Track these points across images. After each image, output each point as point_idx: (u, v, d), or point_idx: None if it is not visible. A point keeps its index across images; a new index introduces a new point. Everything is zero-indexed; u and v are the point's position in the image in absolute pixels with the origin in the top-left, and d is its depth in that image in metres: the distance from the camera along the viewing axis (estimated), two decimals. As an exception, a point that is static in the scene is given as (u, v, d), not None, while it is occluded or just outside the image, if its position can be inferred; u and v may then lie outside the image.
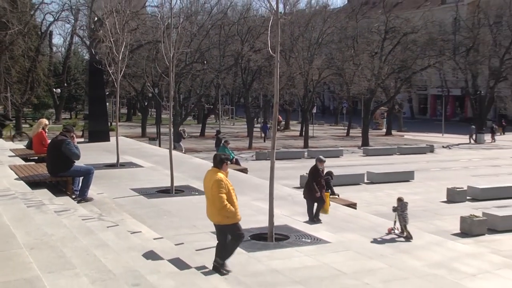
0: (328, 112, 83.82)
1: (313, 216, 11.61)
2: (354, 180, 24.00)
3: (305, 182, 12.64)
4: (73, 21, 52.24)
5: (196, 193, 13.43)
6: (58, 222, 7.88)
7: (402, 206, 11.66)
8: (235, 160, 22.73)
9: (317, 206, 11.74)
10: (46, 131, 16.04)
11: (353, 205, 15.30)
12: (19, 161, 14.99)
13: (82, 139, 23.41)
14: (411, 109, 77.25)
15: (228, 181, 7.78)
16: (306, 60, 44.56)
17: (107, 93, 34.00)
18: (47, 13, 47.85)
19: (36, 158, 15.49)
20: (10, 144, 20.74)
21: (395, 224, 11.21)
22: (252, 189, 14.32)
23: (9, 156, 16.00)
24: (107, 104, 31.01)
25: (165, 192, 13.23)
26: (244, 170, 19.95)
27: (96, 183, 12.47)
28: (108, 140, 22.60)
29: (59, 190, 11.59)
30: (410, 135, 53.85)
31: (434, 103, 75.74)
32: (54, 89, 56.95)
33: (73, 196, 11.33)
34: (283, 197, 13.39)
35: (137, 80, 44.72)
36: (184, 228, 10.27)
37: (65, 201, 10.49)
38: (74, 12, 50.14)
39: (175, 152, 18.92)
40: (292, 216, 11.55)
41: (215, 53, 46.13)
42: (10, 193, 9.13)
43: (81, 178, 11.54)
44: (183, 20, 39.36)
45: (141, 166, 17.31)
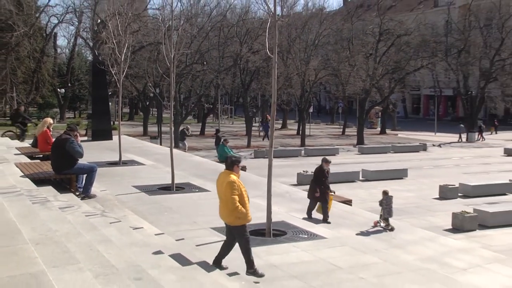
0: (324, 112, 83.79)
1: (323, 218, 11.45)
2: (350, 178, 24.02)
3: (310, 182, 12.51)
4: (77, 23, 52.26)
5: (196, 190, 13.45)
6: (63, 218, 7.87)
7: (387, 200, 11.79)
8: (234, 158, 22.71)
9: (323, 207, 11.61)
10: (51, 130, 16.04)
11: (349, 202, 15.34)
12: (25, 159, 14.98)
13: (86, 138, 23.38)
14: (405, 109, 77.28)
15: (241, 183, 7.72)
16: (303, 61, 44.56)
17: (110, 93, 33.99)
18: (52, 16, 47.84)
19: (41, 156, 15.47)
20: (16, 143, 20.71)
21: (381, 218, 11.36)
22: (251, 187, 14.28)
23: (15, 154, 15.99)
24: (110, 104, 30.95)
25: (166, 189, 13.24)
26: (243, 168, 19.92)
27: (99, 181, 12.47)
28: (111, 139, 22.59)
29: (63, 187, 11.58)
30: (404, 134, 53.87)
31: (427, 103, 75.81)
32: (59, 89, 56.97)
33: (77, 193, 11.32)
34: (281, 194, 13.40)
35: (139, 81, 44.69)
36: (185, 224, 10.27)
37: (69, 198, 10.48)
38: (78, 15, 50.10)
39: (176, 150, 18.92)
40: (289, 213, 11.57)
41: (215, 54, 46.08)
42: (16, 190, 9.12)
43: (85, 176, 11.54)
44: (184, 22, 39.23)
45: (143, 164, 17.30)
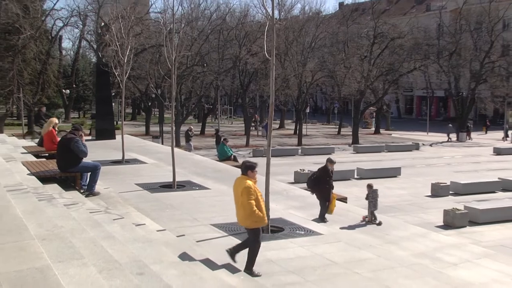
0: (321, 112, 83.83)
1: (319, 217, 11.32)
2: (345, 176, 24.02)
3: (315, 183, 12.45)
4: (81, 26, 52.13)
5: (197, 188, 13.44)
6: (67, 215, 7.87)
7: (373, 193, 11.86)
8: (233, 157, 22.73)
9: (322, 206, 11.52)
10: (56, 130, 16.04)
11: (344, 199, 15.33)
12: (31, 158, 14.98)
13: (90, 137, 23.36)
14: (398, 109, 77.37)
15: (257, 188, 7.72)
16: (300, 63, 44.58)
17: (113, 94, 33.92)
18: (57, 19, 47.67)
19: (47, 155, 15.48)
20: (23, 142, 20.70)
21: (368, 212, 11.51)
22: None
23: (22, 153, 15.99)
24: (113, 104, 30.92)
25: (168, 187, 13.22)
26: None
27: (103, 179, 12.46)
28: (114, 138, 22.56)
29: (68, 185, 11.58)
30: (397, 134, 53.93)
31: (420, 104, 75.92)
32: (64, 90, 56.88)
33: (81, 191, 11.32)
34: (278, 192, 13.39)
35: (141, 82, 44.64)
36: (185, 221, 10.27)
37: (74, 195, 10.48)
38: (82, 18, 50.03)
39: (177, 150, 18.91)
40: (287, 210, 11.57)
41: (215, 57, 46.08)
42: (23, 188, 9.12)
43: (89, 174, 11.54)
44: (185, 26, 39.30)
45: (145, 163, 17.28)
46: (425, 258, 8.89)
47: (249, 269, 7.58)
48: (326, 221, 11.08)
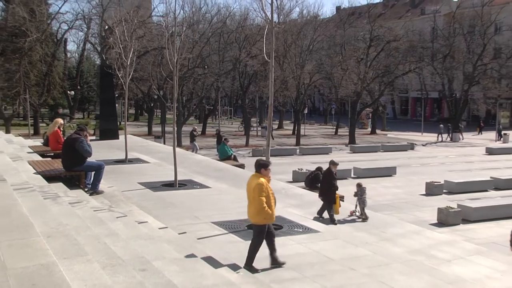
0: (318, 113, 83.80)
1: (330, 220, 11.20)
2: (342, 175, 23.95)
3: (320, 185, 12.31)
4: (86, 30, 52.07)
5: (198, 187, 13.44)
6: (72, 213, 7.87)
7: (361, 191, 11.94)
8: (233, 157, 22.75)
9: (328, 208, 11.45)
10: (61, 130, 16.05)
11: (341, 198, 15.30)
12: (37, 157, 14.98)
13: (94, 137, 23.36)
14: (394, 110, 77.36)
15: (269, 186, 7.69)
16: (298, 65, 44.59)
17: (117, 95, 33.91)
18: (62, 22, 47.66)
19: (52, 155, 15.47)
20: (29, 142, 20.70)
21: (356, 208, 11.60)
22: (249, 183, 14.32)
23: (28, 153, 15.98)
24: (116, 105, 30.91)
25: (169, 186, 13.22)
26: (242, 166, 19.97)
27: (107, 178, 12.45)
28: (117, 138, 22.56)
29: (73, 184, 11.57)
30: (393, 134, 53.93)
31: (414, 105, 75.89)
32: (69, 91, 56.79)
33: (86, 189, 11.32)
34: (277, 191, 13.29)
35: (144, 83, 44.65)
36: (187, 219, 10.27)
37: (78, 194, 10.48)
38: (87, 21, 49.94)
39: (179, 149, 18.90)
40: (285, 208, 11.55)
41: (215, 59, 46.08)
42: (29, 186, 9.11)
43: (93, 173, 11.54)
44: (186, 29, 39.26)
45: (148, 162, 17.28)
46: (420, 255, 8.90)
47: (249, 265, 7.59)
48: (337, 223, 10.97)
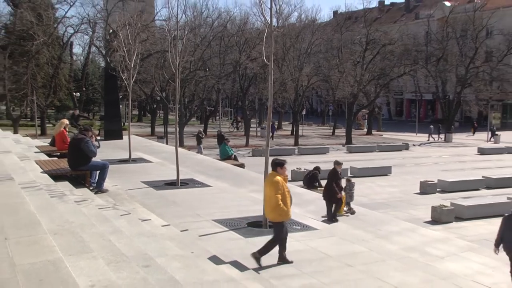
0: (316, 114, 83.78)
1: (331, 216, 11.25)
2: (339, 174, 24.00)
3: (325, 184, 12.28)
4: (91, 33, 52.08)
5: (199, 186, 13.43)
6: (78, 211, 7.87)
7: (350, 186, 12.02)
8: (234, 157, 22.73)
9: (335, 207, 11.45)
10: (67, 130, 16.04)
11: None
12: (44, 157, 14.96)
13: (99, 137, 23.33)
14: (389, 112, 77.37)
15: (285, 184, 7.67)
16: (297, 68, 44.60)
17: (121, 97, 33.90)
18: (68, 26, 47.64)
19: (58, 154, 15.45)
20: (36, 142, 20.69)
21: (344, 202, 11.67)
22: (249, 182, 14.33)
23: (35, 152, 15.96)
24: (120, 107, 30.90)
25: (172, 185, 13.20)
26: (242, 165, 19.95)
27: (111, 177, 12.45)
28: (121, 138, 22.53)
29: (79, 183, 11.56)
30: (388, 135, 53.93)
31: (409, 106, 75.90)
32: (74, 93, 56.80)
33: (91, 188, 11.31)
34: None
35: (147, 85, 44.63)
36: (188, 217, 10.26)
37: (84, 192, 10.47)
38: (92, 25, 49.94)
39: (181, 149, 18.89)
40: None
41: (216, 62, 46.06)
42: (36, 185, 9.10)
43: (98, 172, 11.52)
44: (188, 32, 39.19)
45: (151, 162, 17.26)
46: (414, 252, 8.91)
47: (282, 259, 7.66)
48: (337, 220, 11.06)
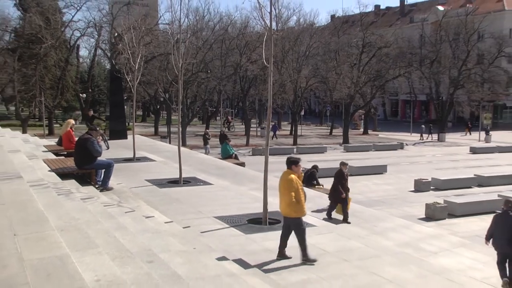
0: (314, 114, 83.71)
1: (343, 218, 11.09)
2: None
3: (332, 185, 12.20)
4: (97, 36, 52.06)
5: (201, 184, 13.41)
6: (84, 208, 7.86)
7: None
8: (235, 156, 22.70)
9: (343, 208, 11.35)
10: (73, 130, 16.03)
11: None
12: (51, 156, 14.94)
13: (107, 138, 23.32)
14: (385, 112, 77.36)
15: (299, 181, 7.69)
16: (295, 70, 44.58)
17: (125, 98, 33.90)
18: (75, 30, 47.65)
19: (65, 153, 15.44)
20: (44, 141, 20.69)
21: None
22: (249, 180, 14.32)
23: (43, 152, 15.95)
24: (125, 107, 30.86)
25: (175, 183, 13.19)
26: (242, 164, 19.90)
27: (116, 175, 12.44)
28: (126, 138, 22.51)
29: (85, 181, 11.56)
30: (384, 134, 53.92)
31: (404, 107, 75.90)
32: (81, 94, 56.77)
33: (96, 186, 11.31)
34: (276, 187, 13.32)
35: (151, 87, 44.63)
36: (191, 214, 10.26)
37: (90, 190, 10.47)
38: (98, 29, 49.91)
39: (183, 148, 18.87)
40: (283, 203, 11.53)
41: (217, 64, 46.03)
42: (44, 183, 9.10)
43: (103, 171, 11.52)
44: (190, 36, 39.17)
45: (154, 160, 17.25)
46: (409, 248, 8.90)
47: (305, 256, 7.61)
48: (349, 222, 10.92)
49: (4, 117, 57.98)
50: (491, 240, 8.83)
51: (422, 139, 48.24)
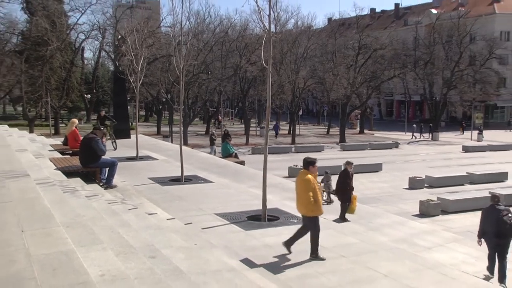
0: (311, 114, 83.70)
1: (339, 217, 11.00)
2: (333, 171, 23.79)
3: (336, 183, 12.07)
4: (101, 39, 52.09)
5: (202, 182, 13.39)
6: (89, 205, 7.86)
7: (327, 178, 12.14)
8: (235, 154, 22.69)
9: (342, 207, 11.27)
10: (78, 129, 16.03)
11: (332, 192, 15.31)
12: (57, 155, 14.94)
13: (108, 137, 23.29)
14: (380, 112, 77.35)
15: (315, 181, 7.60)
16: (293, 71, 44.58)
17: (128, 98, 33.87)
18: (80, 32, 47.74)
19: (71, 152, 15.44)
20: (50, 140, 20.68)
21: (323, 192, 11.75)
22: (249, 178, 14.31)
23: (49, 151, 15.96)
24: (128, 107, 30.84)
25: (176, 181, 13.15)
26: (242, 163, 19.90)
27: (120, 173, 12.42)
28: (129, 137, 22.50)
29: (89, 179, 11.54)
30: (379, 134, 53.95)
31: (399, 107, 75.92)
32: (85, 95, 56.84)
33: (101, 184, 11.29)
34: (275, 185, 13.37)
35: (153, 88, 44.59)
36: (192, 211, 10.24)
37: (94, 188, 10.46)
38: (102, 32, 49.97)
39: (185, 147, 18.85)
40: (282, 201, 11.52)
41: (218, 65, 46.03)
42: (50, 181, 9.09)
43: (107, 169, 11.51)
44: (192, 38, 39.18)
45: (157, 159, 17.23)
46: (403, 243, 8.91)
47: (315, 254, 7.56)
48: (348, 221, 10.78)
49: (12, 117, 58.01)
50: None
51: (415, 138, 48.35)
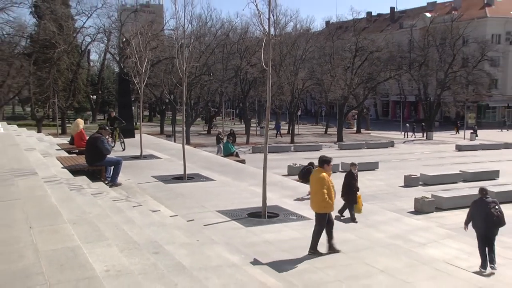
0: (310, 114, 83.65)
1: (350, 218, 10.88)
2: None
3: (342, 185, 11.88)
4: (106, 42, 52.07)
5: (204, 180, 13.38)
6: (94, 203, 7.85)
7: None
8: (236, 153, 22.70)
9: (350, 208, 11.19)
10: (83, 128, 16.04)
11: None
12: (64, 154, 14.94)
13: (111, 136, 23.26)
14: (376, 112, 77.33)
15: (330, 179, 7.58)
16: (292, 73, 44.58)
17: (133, 99, 33.87)
18: (86, 35, 47.73)
19: (77, 151, 15.44)
20: (57, 140, 20.68)
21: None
22: (249, 177, 14.30)
23: (56, 150, 15.96)
24: (133, 108, 30.84)
25: (179, 179, 13.15)
26: (243, 161, 19.91)
27: (124, 171, 12.42)
28: (134, 137, 22.48)
29: (95, 177, 11.54)
30: (375, 133, 53.94)
31: (394, 107, 75.85)
32: (91, 96, 56.86)
33: (106, 182, 11.29)
34: (274, 183, 13.37)
35: (157, 89, 44.59)
36: (195, 208, 10.24)
37: (100, 186, 10.46)
38: (107, 34, 49.93)
39: (187, 146, 18.85)
40: (281, 199, 11.52)
41: (219, 67, 46.02)
42: (57, 179, 9.09)
43: (112, 167, 11.50)
44: (194, 41, 39.14)
45: (160, 158, 17.22)
46: (399, 239, 8.90)
47: (314, 249, 7.57)
48: (357, 221, 10.59)
49: (21, 117, 58.03)
50: (471, 223, 9.01)
51: (407, 137, 48.49)
